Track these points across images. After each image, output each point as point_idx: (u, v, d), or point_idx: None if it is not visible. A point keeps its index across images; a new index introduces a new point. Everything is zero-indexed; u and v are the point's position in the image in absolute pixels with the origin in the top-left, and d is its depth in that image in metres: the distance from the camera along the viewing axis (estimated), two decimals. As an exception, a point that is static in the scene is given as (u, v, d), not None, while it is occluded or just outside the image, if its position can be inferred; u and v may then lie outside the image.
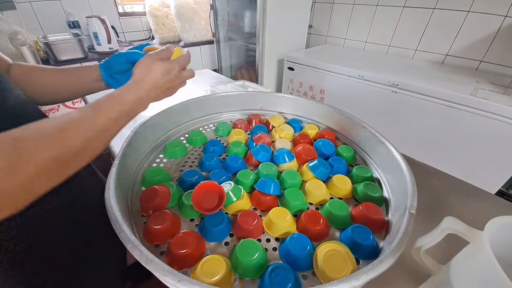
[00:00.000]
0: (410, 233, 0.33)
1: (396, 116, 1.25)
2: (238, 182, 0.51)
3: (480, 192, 0.60)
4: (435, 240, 0.32)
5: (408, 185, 0.41)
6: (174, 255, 0.36)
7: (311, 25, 2.02)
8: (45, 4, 1.67)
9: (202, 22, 2.09)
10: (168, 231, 0.40)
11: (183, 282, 0.25)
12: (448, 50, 1.43)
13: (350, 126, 0.65)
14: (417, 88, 1.12)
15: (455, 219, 0.31)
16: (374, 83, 1.27)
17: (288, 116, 0.78)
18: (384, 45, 1.70)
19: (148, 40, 2.15)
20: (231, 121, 0.77)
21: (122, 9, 2.06)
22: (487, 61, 1.33)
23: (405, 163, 0.46)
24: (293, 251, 0.37)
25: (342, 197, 0.51)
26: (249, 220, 0.42)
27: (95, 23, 1.65)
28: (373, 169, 0.57)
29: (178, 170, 0.57)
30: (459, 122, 1.05)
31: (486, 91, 1.05)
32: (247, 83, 1.12)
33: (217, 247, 0.40)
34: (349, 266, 0.35)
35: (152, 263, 0.27)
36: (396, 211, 0.43)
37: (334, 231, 0.44)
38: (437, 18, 1.42)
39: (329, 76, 1.45)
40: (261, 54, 1.70)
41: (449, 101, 1.05)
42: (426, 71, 1.34)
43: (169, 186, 0.47)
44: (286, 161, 0.57)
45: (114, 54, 0.48)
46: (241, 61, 2.24)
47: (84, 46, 1.64)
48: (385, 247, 0.39)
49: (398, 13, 1.56)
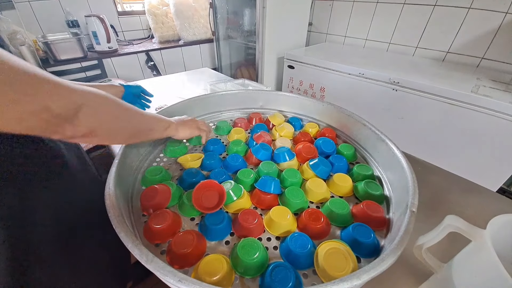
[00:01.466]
0: (411, 231, 0.32)
1: (396, 114, 1.25)
2: (238, 181, 0.51)
3: (481, 189, 0.60)
4: (437, 238, 0.32)
5: (409, 183, 0.41)
6: (175, 254, 0.36)
7: (311, 23, 2.01)
8: (44, 4, 1.67)
9: (202, 20, 2.08)
10: (168, 230, 0.40)
11: (183, 281, 0.25)
12: (449, 47, 1.42)
13: (351, 124, 0.64)
14: (418, 85, 1.12)
15: (456, 217, 0.30)
16: (375, 80, 1.26)
17: (288, 115, 0.78)
18: (384, 42, 1.69)
19: (148, 39, 2.14)
20: (231, 120, 0.77)
21: (121, 8, 2.05)
22: (488, 58, 1.32)
23: (405, 161, 0.45)
24: (294, 250, 0.37)
25: (342, 195, 0.51)
26: (250, 219, 0.42)
27: (94, 22, 1.64)
28: (374, 167, 0.57)
29: (178, 169, 0.57)
30: (460, 119, 1.04)
31: (487, 88, 1.04)
32: (247, 81, 1.11)
33: (218, 246, 0.40)
34: (350, 264, 0.35)
35: (152, 262, 0.27)
36: (397, 209, 0.43)
37: (334, 230, 0.44)
38: (438, 15, 1.41)
39: (329, 74, 1.44)
40: (261, 52, 1.69)
41: (450, 98, 1.04)
42: (426, 68, 1.33)
43: (169, 185, 0.47)
44: (287, 160, 0.57)
45: (137, 85, 0.78)
46: (240, 60, 2.23)
47: (83, 45, 1.64)
48: (386, 245, 0.39)
49: (398, 10, 1.55)
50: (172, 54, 2.04)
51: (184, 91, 1.21)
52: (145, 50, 1.88)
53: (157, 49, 1.94)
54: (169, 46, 2.00)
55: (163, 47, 1.97)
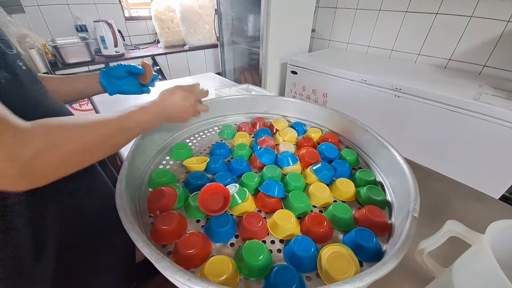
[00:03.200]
0: (413, 236, 0.33)
1: (398, 120, 1.26)
2: (243, 184, 0.52)
3: (483, 196, 0.61)
4: (437, 243, 0.33)
5: (411, 188, 0.42)
6: (181, 255, 0.37)
7: (314, 29, 2.04)
8: (54, 8, 1.71)
9: (207, 26, 2.12)
10: (175, 232, 0.41)
11: (192, 280, 0.26)
12: (451, 55, 1.44)
13: (353, 130, 0.65)
14: (420, 92, 1.13)
15: (457, 222, 0.31)
16: (377, 87, 1.28)
17: (291, 120, 0.79)
18: (386, 49, 1.71)
19: (154, 44, 2.18)
20: (235, 124, 0.78)
21: (128, 14, 2.10)
22: (490, 66, 1.33)
23: (407, 167, 0.46)
24: (298, 253, 0.38)
25: (345, 200, 0.52)
26: (254, 222, 0.43)
27: (102, 27, 1.68)
28: (376, 173, 0.58)
29: (184, 172, 0.58)
30: (462, 126, 1.05)
31: (489, 96, 1.05)
32: (251, 86, 1.13)
33: (223, 247, 0.41)
34: (353, 268, 0.36)
35: (161, 261, 0.28)
36: (399, 215, 0.44)
37: (337, 234, 0.44)
38: (440, 23, 1.43)
39: (332, 80, 1.46)
40: (264, 57, 1.72)
41: (452, 105, 1.05)
42: (429, 75, 1.34)
43: (175, 188, 0.48)
44: (290, 164, 0.58)
45: (116, 64, 0.61)
46: (244, 64, 2.26)
47: (91, 49, 1.67)
48: (388, 249, 0.40)
49: (400, 17, 1.57)
50: (177, 59, 2.08)
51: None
52: (151, 55, 1.91)
53: (163, 53, 1.98)
54: (175, 51, 2.04)
55: (169, 51, 2.01)
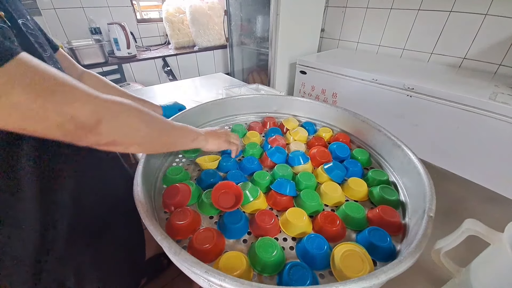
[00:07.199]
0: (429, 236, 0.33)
1: (411, 120, 1.23)
2: (254, 182, 0.52)
3: (499, 197, 0.59)
4: (455, 242, 0.32)
5: (426, 188, 0.41)
6: (196, 249, 0.38)
7: (323, 29, 2.02)
8: (69, 11, 1.77)
9: (216, 27, 2.15)
10: (189, 227, 0.42)
11: (209, 273, 0.27)
12: (466, 54, 1.40)
13: (365, 130, 0.65)
14: (433, 91, 1.11)
15: (475, 221, 0.31)
16: (388, 86, 1.26)
17: (302, 119, 0.79)
18: (398, 48, 1.68)
19: (164, 45, 2.22)
20: (246, 123, 0.79)
21: (140, 16, 2.14)
22: (506, 65, 1.29)
23: (422, 167, 0.46)
24: (311, 250, 0.38)
25: (357, 199, 0.51)
26: (266, 219, 0.43)
27: (116, 30, 1.72)
28: (389, 173, 0.57)
29: (196, 170, 0.59)
30: (478, 126, 1.02)
31: (505, 95, 1.02)
32: (261, 86, 1.13)
33: (236, 244, 0.42)
34: (367, 266, 0.35)
35: (180, 254, 0.29)
36: (414, 215, 0.44)
37: (350, 233, 0.44)
38: (454, 21, 1.39)
39: (341, 80, 1.45)
40: (273, 57, 1.72)
41: (467, 105, 1.02)
42: (442, 75, 1.31)
43: (189, 185, 0.49)
44: (301, 163, 0.58)
45: (174, 104, 0.75)
46: (252, 65, 2.27)
47: (105, 51, 1.72)
48: (402, 249, 0.40)
49: (412, 16, 1.54)
50: (187, 60, 2.11)
51: (199, 95, 1.24)
52: (161, 56, 1.95)
53: (173, 54, 2.01)
54: (185, 52, 2.07)
55: (179, 53, 2.04)
